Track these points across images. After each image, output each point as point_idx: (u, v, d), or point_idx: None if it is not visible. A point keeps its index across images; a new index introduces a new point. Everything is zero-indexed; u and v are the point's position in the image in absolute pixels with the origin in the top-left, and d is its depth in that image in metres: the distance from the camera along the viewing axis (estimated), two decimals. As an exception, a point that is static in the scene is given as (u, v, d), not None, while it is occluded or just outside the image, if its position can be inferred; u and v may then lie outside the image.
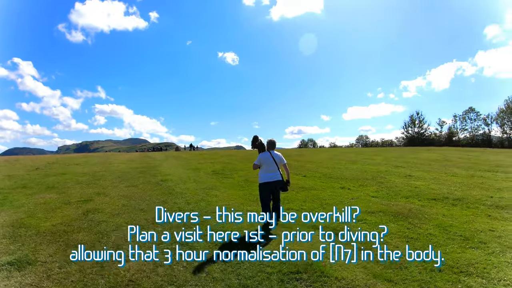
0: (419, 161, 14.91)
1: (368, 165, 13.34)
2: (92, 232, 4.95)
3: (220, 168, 13.37)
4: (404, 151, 22.92)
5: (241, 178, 10.77)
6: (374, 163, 14.28)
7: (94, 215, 5.91)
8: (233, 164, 15.20)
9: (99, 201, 7.20)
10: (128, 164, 15.75)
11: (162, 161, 17.40)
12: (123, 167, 14.20)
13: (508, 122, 42.74)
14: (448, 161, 14.79)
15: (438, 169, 11.79)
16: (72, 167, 14.13)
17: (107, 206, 6.67)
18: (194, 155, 23.83)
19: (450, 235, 4.61)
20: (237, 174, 11.90)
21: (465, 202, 6.61)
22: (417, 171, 11.12)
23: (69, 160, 17.97)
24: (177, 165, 15.39)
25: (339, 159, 16.73)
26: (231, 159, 18.32)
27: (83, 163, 16.19)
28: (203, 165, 14.96)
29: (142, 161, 17.38)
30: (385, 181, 9.22)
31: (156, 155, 24.12)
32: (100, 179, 10.68)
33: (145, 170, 12.83)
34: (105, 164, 15.43)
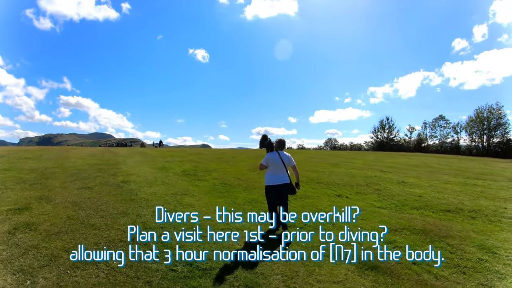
0: (401, 166, 14.90)
1: (352, 169, 12.86)
2: (8, 271, 3.40)
3: (191, 168, 12.16)
4: (379, 156, 23.10)
5: (217, 181, 9.70)
6: (356, 167, 13.89)
7: (23, 235, 4.48)
8: (205, 164, 14.03)
9: (38, 210, 5.77)
10: (87, 160, 13.96)
11: (126, 158, 15.72)
12: (80, 163, 12.47)
13: (477, 131, 45.36)
14: (429, 167, 14.87)
15: (426, 175, 11.59)
16: (21, 162, 12.15)
17: (46, 219, 5.27)
18: (161, 152, 22.18)
19: (503, 260, 4.18)
20: (211, 175, 10.81)
21: (483, 215, 6.29)
22: (407, 177, 10.77)
23: (21, 153, 15.63)
24: (142, 162, 13.88)
25: (316, 162, 16.24)
26: (200, 158, 17.08)
27: (36, 157, 14.10)
28: (171, 164, 13.60)
29: (103, 157, 15.58)
30: (382, 188, 8.76)
31: (120, 151, 22.09)
32: (49, 177, 9.07)
33: (105, 168, 11.28)
34: (60, 159, 13.53)
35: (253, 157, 18.07)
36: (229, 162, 15.39)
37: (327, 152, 32.50)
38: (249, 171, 12.22)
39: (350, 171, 12.12)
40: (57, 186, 7.95)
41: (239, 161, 16.01)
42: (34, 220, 5.18)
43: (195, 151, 24.32)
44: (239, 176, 10.74)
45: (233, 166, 13.71)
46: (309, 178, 10.35)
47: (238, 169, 12.86)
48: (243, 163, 15.16)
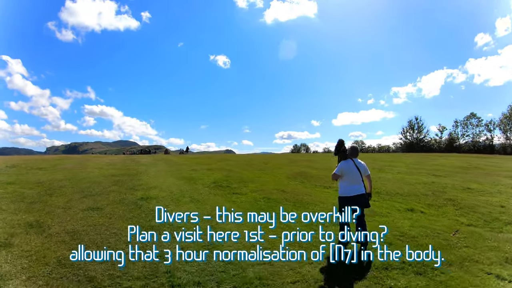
0: (448, 168, 13.02)
1: (399, 174, 11.20)
2: None
3: (223, 178, 10.20)
4: (419, 157, 20.59)
5: (257, 195, 7.71)
6: (402, 171, 12.05)
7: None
8: (236, 172, 12.06)
9: (20, 247, 3.96)
10: (105, 169, 12.40)
11: (148, 167, 14.04)
12: (95, 174, 10.87)
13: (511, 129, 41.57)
14: (479, 168, 12.81)
15: (483, 179, 9.94)
16: (31, 173, 10.75)
17: (24, 266, 3.42)
18: (186, 159, 20.47)
19: None
20: (248, 187, 8.82)
21: None
22: (468, 182, 9.19)
23: (34, 163, 14.38)
24: (166, 172, 12.07)
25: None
26: (229, 164, 15.18)
27: (51, 167, 12.75)
28: (199, 173, 11.72)
29: (123, 166, 13.99)
30: (453, 198, 7.36)
31: (142, 159, 20.53)
32: (54, 193, 7.39)
33: (122, 180, 9.56)
34: (75, 170, 12.05)
35: (286, 163, 16.09)
36: (263, 169, 13.36)
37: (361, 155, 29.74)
38: (289, 180, 10.36)
39: (401, 177, 10.47)
40: (59, 205, 6.22)
41: (273, 167, 13.96)
42: (7, 269, 3.34)
43: (222, 157, 22.52)
44: (281, 187, 8.76)
45: (269, 175, 11.68)
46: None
47: (276, 177, 10.88)
48: (279, 170, 13.11)
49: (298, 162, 17.16)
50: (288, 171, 12.51)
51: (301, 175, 11.19)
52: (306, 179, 10.44)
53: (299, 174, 11.59)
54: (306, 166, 14.60)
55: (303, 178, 10.58)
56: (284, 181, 10.20)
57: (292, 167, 14.31)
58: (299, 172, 12.02)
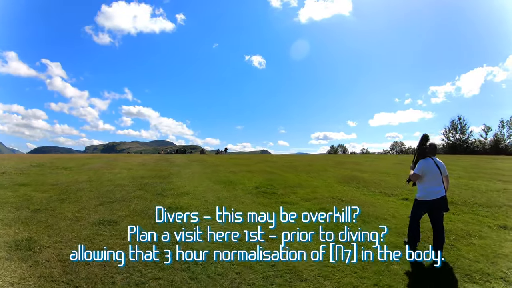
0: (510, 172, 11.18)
1: (461, 179, 9.57)
2: None
3: (266, 182, 8.50)
4: (473, 160, 18.26)
5: (311, 205, 6.09)
6: (462, 175, 10.40)
7: None
8: (280, 175, 10.33)
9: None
10: (134, 170, 11.26)
11: (181, 168, 12.72)
12: (122, 175, 9.70)
13: None
14: None
15: None
16: (53, 174, 9.87)
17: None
18: (223, 159, 19.07)
19: None
20: (297, 194, 7.14)
21: None
22: None
23: (61, 162, 13.72)
24: (201, 174, 10.62)
25: (404, 169, 12.05)
26: (270, 166, 13.48)
27: (77, 167, 11.91)
28: (238, 175, 10.13)
29: (155, 167, 12.83)
30: None
31: (177, 159, 19.45)
32: (67, 198, 6.16)
33: (151, 183, 8.22)
34: (101, 170, 11.05)
35: (332, 165, 14.23)
36: (308, 172, 11.49)
37: (403, 158, 26.61)
38: (342, 185, 8.80)
39: (465, 182, 8.97)
40: (67, 216, 4.89)
41: (319, 170, 12.06)
42: None
43: (261, 158, 20.92)
44: (336, 195, 7.18)
45: (316, 178, 9.86)
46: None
47: (325, 182, 9.20)
48: (326, 173, 11.23)
49: (344, 164, 15.12)
50: (337, 175, 10.69)
51: (353, 180, 9.42)
52: (360, 184, 8.81)
53: (350, 178, 9.76)
54: (355, 169, 12.68)
55: (356, 183, 8.89)
56: (336, 186, 8.48)
57: (339, 169, 12.39)
58: (349, 176, 10.19)
